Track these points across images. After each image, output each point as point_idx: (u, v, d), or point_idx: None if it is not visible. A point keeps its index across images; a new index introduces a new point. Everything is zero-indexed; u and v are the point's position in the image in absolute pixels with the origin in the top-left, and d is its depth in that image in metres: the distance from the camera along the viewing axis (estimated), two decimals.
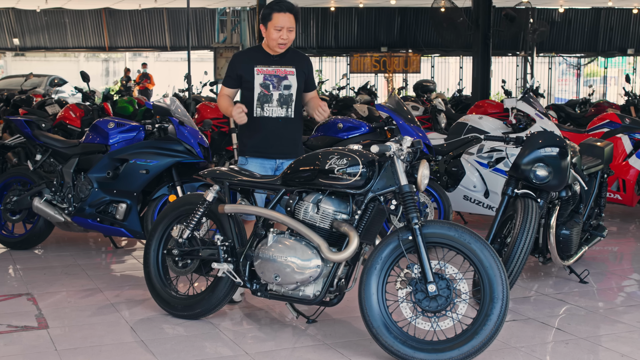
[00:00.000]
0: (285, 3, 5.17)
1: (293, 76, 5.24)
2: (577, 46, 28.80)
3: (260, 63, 5.21)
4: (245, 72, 5.22)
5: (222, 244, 4.82)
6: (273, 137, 5.21)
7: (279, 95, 5.21)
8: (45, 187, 6.85)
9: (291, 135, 5.30)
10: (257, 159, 5.24)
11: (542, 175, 5.37)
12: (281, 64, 5.23)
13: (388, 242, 4.35)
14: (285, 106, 5.23)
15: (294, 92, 5.24)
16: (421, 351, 4.18)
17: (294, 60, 5.30)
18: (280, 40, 5.13)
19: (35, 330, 4.81)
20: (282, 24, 5.10)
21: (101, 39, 27.38)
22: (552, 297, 5.64)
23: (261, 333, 4.79)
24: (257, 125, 5.22)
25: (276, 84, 5.21)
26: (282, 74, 5.22)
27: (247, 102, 5.24)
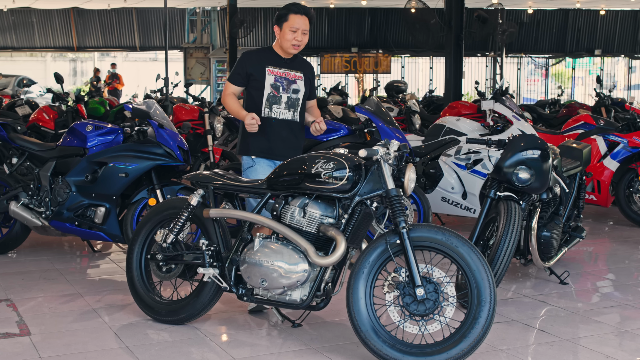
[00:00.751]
0: (302, 6, 5.25)
1: (301, 81, 5.31)
2: (545, 47, 29.07)
3: (272, 64, 5.25)
4: (256, 71, 5.24)
5: (207, 249, 4.79)
6: (278, 139, 5.27)
7: (288, 98, 5.27)
8: (22, 191, 6.76)
9: (295, 139, 5.38)
10: (264, 160, 5.26)
11: (525, 178, 5.41)
12: (291, 67, 5.30)
13: (375, 246, 4.35)
14: (292, 109, 5.29)
15: (301, 96, 5.32)
16: (410, 355, 4.19)
17: (302, 66, 5.38)
18: (295, 42, 5.18)
19: (17, 337, 4.74)
20: (298, 25, 5.16)
21: (69, 38, 27.11)
22: (534, 298, 5.69)
23: (247, 338, 4.76)
24: (263, 126, 5.23)
25: (286, 86, 5.27)
26: (292, 77, 5.28)
27: (255, 101, 5.28)
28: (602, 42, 28.95)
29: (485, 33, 15.82)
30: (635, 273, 6.60)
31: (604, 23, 28.81)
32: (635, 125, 8.38)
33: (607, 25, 28.98)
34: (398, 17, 27.48)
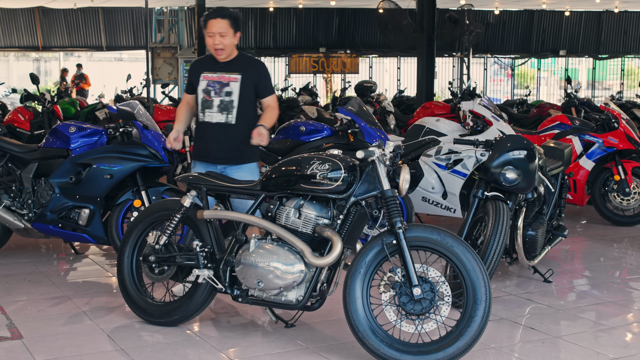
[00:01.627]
0: (218, 9, 5.34)
1: (236, 83, 5.33)
2: (511, 47, 29.36)
3: (208, 70, 5.41)
4: (194, 79, 5.44)
5: (202, 250, 4.79)
6: (212, 143, 5.35)
7: (220, 101, 5.34)
8: (3, 193, 6.69)
9: (232, 142, 5.37)
10: (201, 163, 5.42)
11: (512, 178, 5.49)
12: (227, 70, 5.37)
13: (371, 246, 4.39)
14: (225, 112, 5.33)
15: (235, 98, 5.33)
16: (407, 354, 4.23)
17: (242, 67, 5.40)
18: (214, 46, 5.30)
19: (9, 341, 4.71)
20: (214, 29, 5.27)
21: (34, 38, 26.77)
22: (520, 296, 5.77)
23: (241, 339, 4.77)
24: (199, 130, 5.44)
25: (218, 90, 5.34)
26: (226, 80, 5.35)
27: (197, 107, 5.48)
28: (566, 42, 29.32)
29: (457, 34, 15.96)
30: (611, 270, 6.73)
31: (568, 24, 29.19)
32: (610, 126, 8.52)
33: (571, 26, 29.37)
34: (366, 18, 27.57)
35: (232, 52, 5.41)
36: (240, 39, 5.50)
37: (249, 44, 27.45)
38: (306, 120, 7.64)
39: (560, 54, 29.59)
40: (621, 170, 8.39)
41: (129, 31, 27.35)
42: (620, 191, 8.41)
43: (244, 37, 27.20)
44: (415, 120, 12.56)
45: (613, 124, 8.50)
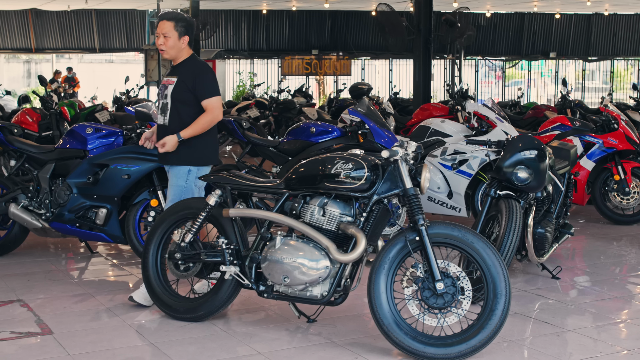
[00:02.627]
0: (167, 12, 5.55)
1: (172, 85, 5.46)
2: (502, 49, 29.63)
3: (167, 74, 5.66)
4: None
5: (227, 247, 4.93)
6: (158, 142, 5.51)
7: (162, 104, 5.54)
8: (21, 193, 6.80)
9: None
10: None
11: (523, 177, 5.67)
12: (171, 73, 5.56)
13: (395, 242, 4.55)
14: (163, 114, 5.50)
15: (169, 101, 5.46)
16: (431, 346, 4.40)
17: (182, 70, 5.48)
18: (158, 47, 5.50)
19: (40, 336, 4.84)
20: (159, 30, 5.45)
21: (27, 40, 26.80)
22: (531, 292, 5.94)
23: (266, 333, 4.92)
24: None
25: (162, 93, 5.55)
26: (167, 83, 5.53)
27: None
28: (556, 44, 29.62)
29: (454, 37, 16.15)
30: (613, 267, 6.93)
31: (558, 26, 29.49)
32: (610, 127, 8.71)
33: (561, 28, 29.67)
34: (358, 20, 27.78)
35: (178, 54, 5.48)
36: (234, 41, 5.71)
37: (242, 46, 27.60)
38: (315, 121, 7.77)
39: (550, 56, 29.88)
40: (621, 170, 8.58)
41: (122, 33, 27.42)
42: (620, 191, 8.60)
43: (237, 39, 27.33)
44: (414, 121, 12.76)
45: (613, 125, 8.69)
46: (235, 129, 7.82)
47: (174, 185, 5.48)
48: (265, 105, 17.27)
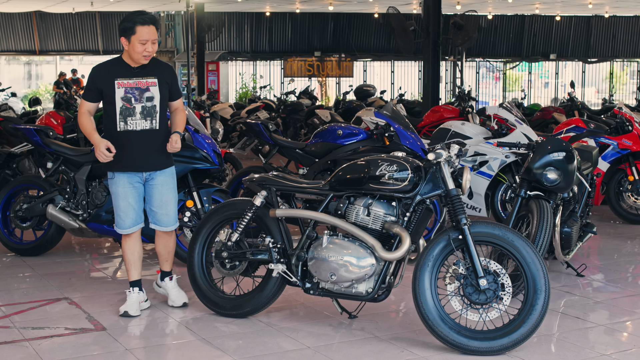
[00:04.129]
0: (148, 15, 5.22)
1: (155, 87, 5.24)
2: (502, 51, 29.89)
3: (121, 76, 5.19)
4: (106, 86, 5.17)
5: (274, 246, 5.13)
6: (139, 151, 5.22)
7: (142, 107, 5.20)
8: (58, 194, 6.99)
9: (158, 147, 5.32)
10: (123, 174, 5.28)
11: (553, 178, 5.88)
12: (142, 75, 5.23)
13: (438, 241, 4.75)
14: (149, 118, 5.22)
15: (157, 103, 5.24)
16: (475, 340, 4.60)
17: (155, 70, 5.30)
18: (145, 53, 5.16)
19: (94, 332, 5.03)
20: (146, 37, 5.11)
21: (31, 42, 26.97)
22: (558, 289, 6.15)
23: (312, 328, 5.12)
24: (121, 140, 5.19)
25: (138, 96, 5.18)
26: (144, 85, 5.20)
27: (110, 117, 5.22)
28: (557, 46, 29.89)
29: (462, 39, 16.37)
30: (629, 265, 7.17)
31: (558, 28, 29.76)
32: (624, 128, 8.94)
33: (561, 30, 29.94)
34: (361, 22, 28.01)
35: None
36: (236, 43, 5.72)
37: (245, 48, 27.80)
38: (343, 124, 7.96)
39: (550, 58, 30.15)
40: (635, 171, 8.80)
41: None
42: (634, 191, 8.82)
43: (240, 42, 27.54)
44: (425, 123, 12.97)
45: (627, 127, 8.91)
46: (262, 132, 8.01)
47: (175, 187, 5.48)
48: (272, 107, 17.47)
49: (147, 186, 5.41)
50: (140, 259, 5.50)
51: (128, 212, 5.34)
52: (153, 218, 5.48)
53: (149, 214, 5.49)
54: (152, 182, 5.38)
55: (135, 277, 5.45)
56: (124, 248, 5.48)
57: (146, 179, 5.37)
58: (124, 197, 5.32)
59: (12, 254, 7.23)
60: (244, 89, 27.58)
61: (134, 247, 5.46)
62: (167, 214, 5.45)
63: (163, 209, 5.43)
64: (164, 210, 5.43)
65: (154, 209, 5.44)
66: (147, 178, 5.36)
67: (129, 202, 5.33)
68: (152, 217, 5.48)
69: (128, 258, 5.46)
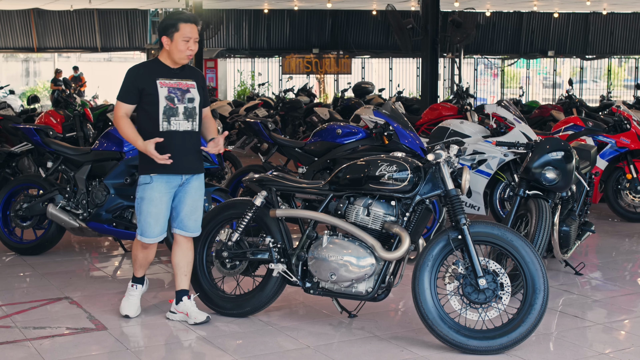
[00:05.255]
0: (191, 14, 5.15)
1: (195, 89, 5.16)
2: (500, 48, 29.92)
3: (162, 76, 5.06)
4: (147, 86, 5.02)
5: (274, 246, 5.16)
6: (181, 152, 5.07)
7: (184, 108, 5.09)
8: (58, 194, 7.01)
9: (197, 149, 5.22)
10: (163, 178, 5.07)
11: (551, 178, 5.91)
12: (182, 77, 5.13)
13: (438, 241, 4.78)
14: (190, 119, 5.12)
15: (197, 105, 5.16)
16: (474, 339, 4.63)
17: (192, 74, 5.23)
18: (188, 52, 5.03)
19: (95, 332, 5.05)
20: (190, 34, 5.00)
21: (29, 39, 26.96)
22: (557, 288, 6.18)
23: (312, 327, 5.15)
24: (164, 141, 5.00)
25: (180, 97, 5.08)
26: (185, 87, 5.12)
27: (150, 117, 5.06)
28: (554, 43, 29.93)
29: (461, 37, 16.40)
30: (627, 263, 7.21)
31: (556, 25, 29.79)
32: (622, 127, 8.97)
33: (559, 27, 29.97)
34: (359, 19, 28.02)
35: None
36: (235, 40, 5.62)
37: (243, 45, 27.80)
38: (343, 124, 7.99)
39: (548, 55, 30.18)
40: (633, 169, 8.84)
41: (123, 32, 27.60)
42: (632, 189, 8.86)
43: (238, 39, 27.54)
44: (424, 121, 13.00)
45: (625, 125, 8.94)
46: (261, 130, 8.03)
47: (202, 195, 5.32)
48: (271, 105, 17.49)
49: (179, 191, 5.17)
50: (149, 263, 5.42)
51: (159, 220, 5.10)
52: (179, 224, 5.20)
53: (174, 219, 5.21)
54: (187, 187, 5.17)
55: (141, 274, 5.37)
56: (139, 254, 5.26)
57: (183, 182, 5.16)
58: (159, 202, 5.07)
59: (13, 253, 7.24)
60: (242, 86, 27.60)
61: (149, 255, 5.31)
62: (197, 220, 5.23)
63: (194, 215, 5.21)
64: (195, 215, 5.22)
65: (184, 214, 5.18)
66: (183, 182, 5.16)
67: (162, 208, 5.10)
68: (178, 222, 5.20)
69: (140, 262, 5.32)
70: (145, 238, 5.13)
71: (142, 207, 5.10)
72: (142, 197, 5.10)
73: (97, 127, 12.81)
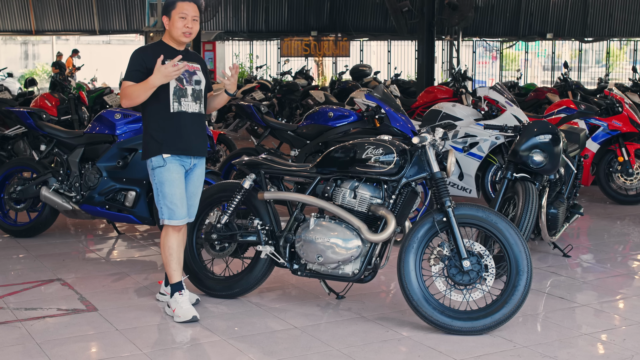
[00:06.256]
0: None
1: (200, 72, 5.11)
2: (499, 31, 29.88)
3: (169, 57, 4.92)
4: (154, 65, 4.84)
5: (262, 228, 5.22)
6: (190, 134, 5.01)
7: (192, 90, 5.03)
8: (51, 177, 7.06)
9: (204, 132, 5.16)
10: (176, 159, 4.98)
11: (539, 160, 5.96)
12: (188, 59, 5.05)
13: (423, 223, 4.84)
14: (198, 102, 5.06)
15: (203, 87, 5.11)
16: (458, 320, 4.70)
17: (197, 58, 5.19)
18: (185, 29, 4.94)
19: (86, 313, 5.12)
20: (187, 11, 4.93)
21: (27, 22, 26.90)
22: (544, 270, 6.25)
23: (299, 308, 5.21)
24: (174, 122, 4.95)
25: (188, 78, 5.02)
26: (191, 69, 5.05)
27: (159, 98, 4.94)
28: (553, 26, 29.88)
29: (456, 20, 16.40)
30: (616, 245, 7.28)
31: (555, 7, 29.73)
32: (614, 110, 9.00)
33: (558, 9, 29.91)
34: (357, 1, 27.95)
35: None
36: (233, 22, 5.52)
37: (241, 28, 27.75)
38: (335, 107, 8.03)
39: (547, 37, 30.14)
40: (625, 152, 8.89)
41: (121, 15, 27.53)
42: (624, 172, 8.91)
43: (236, 21, 27.50)
44: (419, 104, 13.03)
45: (617, 108, 8.98)
46: (254, 114, 8.08)
47: (202, 182, 5.26)
48: (268, 88, 17.51)
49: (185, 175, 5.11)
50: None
51: (184, 200, 4.99)
52: None
53: None
54: (192, 171, 5.11)
55: (178, 278, 5.05)
56: (171, 244, 5.02)
57: (191, 166, 5.09)
58: (180, 183, 4.97)
59: (7, 236, 7.31)
60: (240, 69, 27.58)
61: (182, 243, 5.10)
62: (194, 206, 5.18)
63: (194, 200, 5.16)
64: (194, 200, 5.17)
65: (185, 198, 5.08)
66: (192, 166, 5.09)
67: (183, 189, 5.00)
68: None
69: (177, 255, 5.05)
70: (175, 221, 4.98)
71: (164, 190, 4.96)
72: (160, 180, 4.96)
73: (94, 110, 12.84)
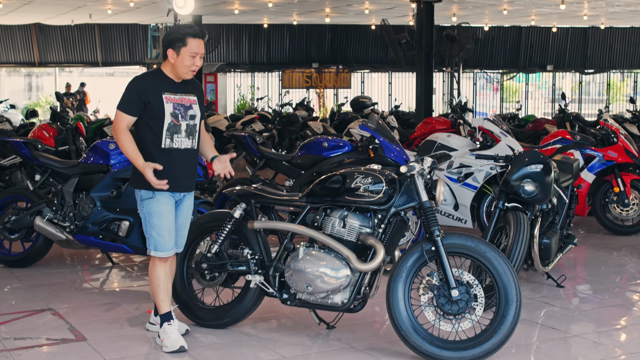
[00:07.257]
0: (199, 28, 4.97)
1: (196, 105, 5.03)
2: (499, 62, 30.02)
3: (168, 90, 4.90)
4: (154, 99, 4.84)
5: (252, 258, 5.22)
6: (181, 170, 4.97)
7: (187, 125, 4.95)
8: (46, 206, 7.07)
9: (195, 167, 5.14)
10: (165, 192, 4.93)
11: (530, 190, 5.96)
12: (186, 92, 4.99)
13: (412, 252, 4.84)
14: (191, 137, 4.99)
15: (198, 122, 5.04)
16: (447, 350, 4.68)
17: (194, 88, 5.09)
18: (194, 67, 4.90)
19: (75, 342, 5.11)
20: (197, 50, 4.86)
21: (31, 54, 27.12)
22: (537, 300, 6.22)
23: (289, 339, 5.20)
24: (165, 157, 4.89)
25: (183, 113, 4.93)
26: (187, 103, 4.97)
27: (154, 132, 4.89)
28: (553, 58, 30.02)
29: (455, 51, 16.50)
30: (613, 276, 7.26)
31: (555, 40, 29.90)
32: (609, 140, 9.02)
33: (558, 41, 30.08)
34: (358, 34, 28.16)
35: None
36: (235, 54, 5.53)
37: (243, 60, 27.93)
38: (321, 135, 8.05)
39: (547, 69, 30.28)
40: (620, 183, 8.88)
41: (124, 47, 27.75)
42: (620, 202, 8.90)
43: (238, 53, 27.68)
44: (417, 135, 13.06)
45: (612, 138, 9.00)
46: (249, 144, 8.11)
47: (191, 213, 5.24)
48: (268, 119, 17.57)
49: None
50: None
51: (172, 232, 4.97)
52: None
53: None
54: (181, 202, 5.08)
55: (167, 308, 5.04)
56: (158, 274, 5.01)
57: (178, 201, 5.06)
58: (169, 215, 4.95)
59: (1, 266, 7.30)
60: (242, 100, 27.70)
61: (170, 273, 5.09)
62: (183, 237, 5.16)
63: (182, 231, 5.14)
64: (183, 232, 5.14)
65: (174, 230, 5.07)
66: (179, 200, 5.06)
67: (172, 221, 4.98)
68: None
69: (164, 285, 5.03)
70: (161, 252, 4.96)
71: (152, 221, 4.93)
72: (149, 212, 4.94)
73: (93, 141, 12.88)
